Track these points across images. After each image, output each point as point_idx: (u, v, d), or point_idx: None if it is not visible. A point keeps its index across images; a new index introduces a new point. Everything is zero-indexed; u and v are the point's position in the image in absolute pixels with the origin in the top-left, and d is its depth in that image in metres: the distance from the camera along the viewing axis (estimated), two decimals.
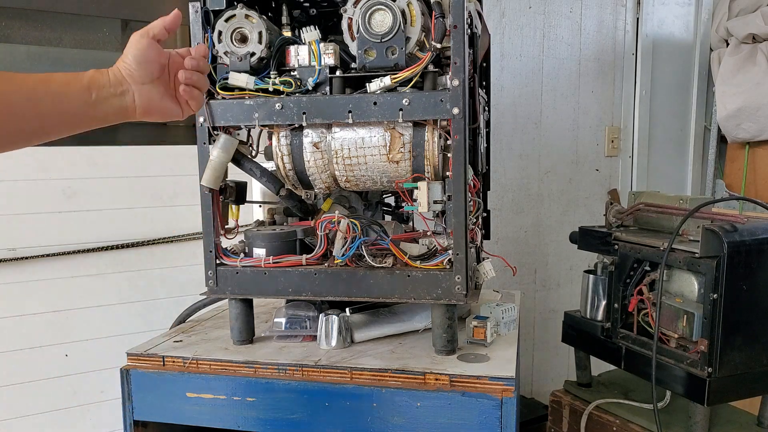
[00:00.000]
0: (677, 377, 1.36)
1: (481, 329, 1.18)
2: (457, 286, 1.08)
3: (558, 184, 2.60)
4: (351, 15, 1.09)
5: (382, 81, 1.07)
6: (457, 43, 1.04)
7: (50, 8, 1.79)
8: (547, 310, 2.64)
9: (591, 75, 2.63)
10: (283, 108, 1.12)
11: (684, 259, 1.34)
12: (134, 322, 1.84)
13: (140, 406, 1.16)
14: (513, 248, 2.52)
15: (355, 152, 1.13)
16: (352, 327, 1.21)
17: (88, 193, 1.78)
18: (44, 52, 1.81)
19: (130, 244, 1.82)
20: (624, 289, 1.53)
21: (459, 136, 1.05)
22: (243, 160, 1.21)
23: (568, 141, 2.61)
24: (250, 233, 1.21)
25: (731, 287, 1.28)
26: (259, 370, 1.12)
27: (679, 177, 3.00)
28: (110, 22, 1.90)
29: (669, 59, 2.84)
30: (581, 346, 1.70)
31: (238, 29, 1.12)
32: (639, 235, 1.51)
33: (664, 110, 2.87)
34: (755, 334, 1.32)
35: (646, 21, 2.73)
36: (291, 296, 1.17)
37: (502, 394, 1.00)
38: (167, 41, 0.84)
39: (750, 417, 1.52)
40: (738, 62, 2.62)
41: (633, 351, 1.49)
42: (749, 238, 1.29)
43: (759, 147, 2.70)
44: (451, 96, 1.05)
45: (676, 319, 1.36)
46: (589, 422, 1.62)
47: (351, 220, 1.10)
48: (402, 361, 1.10)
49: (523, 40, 2.45)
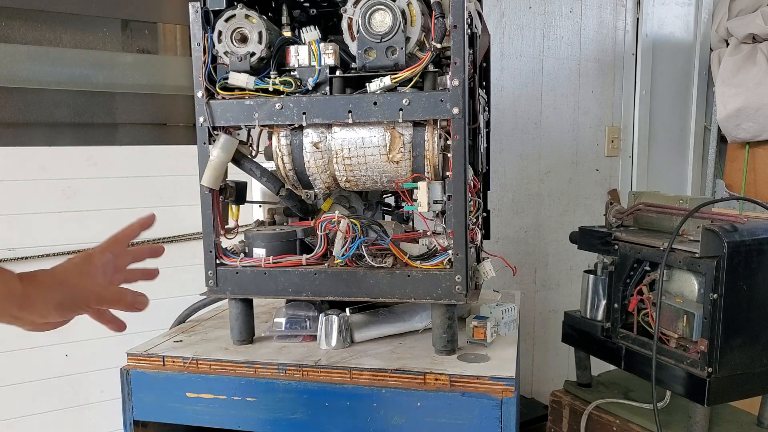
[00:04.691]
0: (677, 377, 1.36)
1: (481, 329, 1.18)
2: (457, 286, 1.08)
3: (558, 184, 2.60)
4: (351, 15, 1.09)
5: (382, 81, 1.07)
6: (457, 43, 1.04)
7: (50, 8, 1.79)
8: (547, 310, 2.64)
9: (591, 75, 2.63)
10: (283, 108, 1.12)
11: (684, 259, 1.34)
12: (134, 322, 1.83)
13: (140, 406, 1.16)
14: (513, 248, 2.52)
15: (355, 152, 1.13)
16: (352, 327, 1.21)
17: (88, 193, 1.78)
18: (44, 51, 1.81)
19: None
20: (624, 289, 1.53)
21: (459, 136, 1.05)
22: (243, 160, 1.21)
23: (568, 141, 2.61)
24: (250, 233, 1.21)
25: (731, 287, 1.28)
26: (259, 370, 1.12)
27: (679, 177, 3.00)
28: (110, 22, 1.91)
29: (669, 59, 2.84)
30: (581, 346, 1.70)
31: (238, 29, 1.12)
32: (639, 235, 1.51)
33: (664, 110, 2.87)
34: (755, 334, 1.32)
35: (646, 21, 2.73)
36: (291, 296, 1.17)
37: (502, 394, 1.00)
38: None
39: (750, 417, 1.52)
40: (738, 62, 2.62)
41: (633, 351, 1.49)
42: (749, 238, 1.29)
43: (759, 147, 2.70)
44: (451, 96, 1.04)
45: (676, 319, 1.36)
46: (589, 422, 1.62)
47: (351, 220, 1.10)
48: (402, 362, 1.10)
49: (523, 40, 2.45)
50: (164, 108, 2.02)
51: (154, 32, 1.99)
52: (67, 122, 1.88)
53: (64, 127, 1.88)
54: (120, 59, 1.93)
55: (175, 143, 1.95)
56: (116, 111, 1.94)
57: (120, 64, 1.93)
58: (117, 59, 1.92)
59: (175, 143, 1.95)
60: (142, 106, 1.96)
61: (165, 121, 2.03)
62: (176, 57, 2.04)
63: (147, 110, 1.98)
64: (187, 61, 1.88)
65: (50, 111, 1.84)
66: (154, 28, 1.99)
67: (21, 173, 1.70)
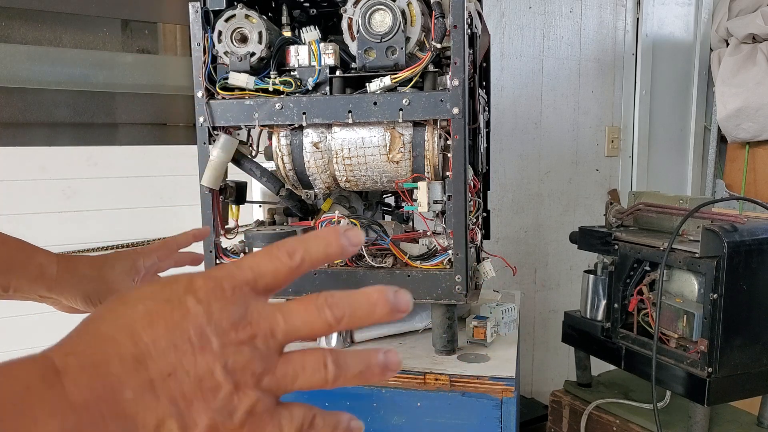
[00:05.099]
0: (677, 377, 1.36)
1: (481, 329, 1.18)
2: (457, 286, 1.08)
3: (558, 184, 2.60)
4: (351, 15, 1.09)
5: (382, 81, 1.07)
6: (457, 43, 1.04)
7: (50, 8, 1.79)
8: (547, 310, 2.64)
9: (591, 75, 2.63)
10: (283, 108, 1.12)
11: (684, 259, 1.34)
12: None
13: None
14: (513, 248, 2.52)
15: (355, 152, 1.13)
16: None
17: (88, 193, 1.78)
18: (44, 51, 1.81)
19: (130, 244, 1.82)
20: (624, 289, 1.53)
21: (459, 136, 1.05)
22: (243, 160, 1.21)
23: (568, 141, 2.61)
24: (250, 233, 1.21)
25: (731, 287, 1.28)
26: None
27: (679, 177, 3.00)
28: (110, 22, 1.90)
29: (669, 59, 2.84)
30: (581, 346, 1.70)
31: (238, 29, 1.12)
32: (639, 235, 1.51)
33: (664, 110, 2.87)
34: (755, 334, 1.32)
35: (646, 21, 2.73)
36: (291, 296, 1.17)
37: (502, 394, 1.00)
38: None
39: (750, 417, 1.52)
40: (738, 62, 2.63)
41: (633, 351, 1.49)
42: (749, 238, 1.29)
43: (759, 147, 2.70)
44: (451, 96, 1.04)
45: (676, 319, 1.36)
46: (589, 422, 1.62)
47: (351, 220, 1.10)
48: (402, 361, 1.10)
49: (523, 40, 2.45)
50: (164, 108, 2.02)
51: (154, 32, 1.99)
52: (67, 122, 1.88)
53: (64, 127, 1.88)
54: (120, 59, 1.93)
55: (175, 143, 1.95)
56: (116, 111, 1.94)
57: (120, 64, 1.93)
58: (117, 59, 1.92)
59: (175, 143, 1.95)
60: (142, 106, 1.96)
61: (165, 121, 2.03)
62: (176, 57, 2.04)
63: (147, 110, 1.98)
64: (187, 61, 1.88)
65: (50, 111, 1.84)
66: (154, 28, 1.99)
67: (21, 173, 1.70)
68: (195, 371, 0.32)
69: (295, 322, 0.36)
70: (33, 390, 0.29)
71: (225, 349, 0.33)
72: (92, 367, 0.31)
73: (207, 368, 0.32)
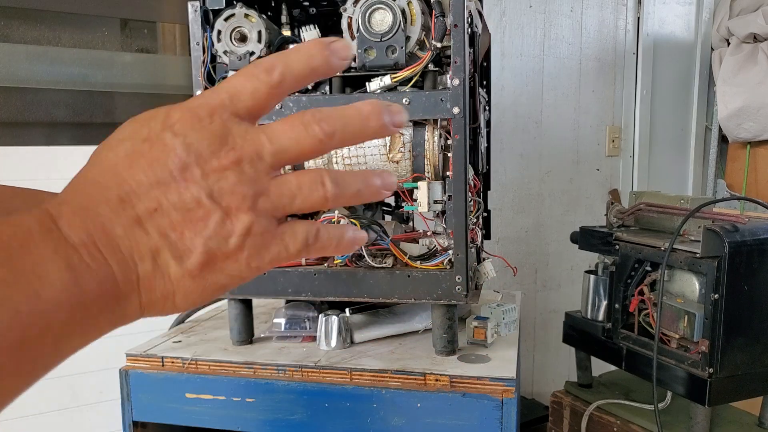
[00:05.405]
0: (678, 378, 1.35)
1: (481, 330, 1.17)
2: (458, 287, 1.08)
3: (559, 183, 2.60)
4: (351, 14, 1.09)
5: (382, 80, 1.07)
6: (457, 42, 1.03)
7: (49, 7, 1.78)
8: (548, 310, 2.64)
9: (592, 74, 2.63)
10: (282, 108, 1.11)
11: (685, 260, 1.34)
12: (133, 322, 1.84)
13: (139, 407, 1.15)
14: (513, 248, 2.51)
15: (355, 152, 1.13)
16: (351, 327, 1.21)
17: None
18: (43, 51, 1.81)
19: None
20: (625, 290, 1.52)
21: (459, 136, 1.05)
22: None
23: (568, 141, 2.61)
24: None
25: (732, 287, 1.27)
26: (258, 371, 1.12)
27: (680, 177, 2.99)
28: (109, 22, 1.90)
29: (670, 59, 2.84)
30: (582, 346, 1.70)
31: (238, 28, 1.12)
32: (640, 236, 1.51)
33: (665, 110, 2.86)
34: (757, 335, 1.32)
35: (647, 20, 2.73)
36: (291, 296, 1.17)
37: (503, 394, 1.00)
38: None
39: (751, 418, 1.52)
40: (739, 62, 2.62)
41: (634, 351, 1.49)
42: (750, 238, 1.29)
43: (760, 147, 2.70)
44: (451, 95, 1.04)
45: (677, 320, 1.36)
46: (590, 423, 1.62)
47: (351, 220, 1.10)
48: (402, 362, 1.10)
49: (524, 39, 2.45)
50: None
51: (153, 32, 1.99)
52: (66, 122, 1.87)
53: (64, 127, 1.88)
54: (119, 59, 1.92)
55: None
56: (115, 110, 1.93)
57: (119, 64, 1.92)
58: (116, 59, 1.92)
59: None
60: (142, 105, 1.96)
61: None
62: (175, 56, 2.03)
63: (146, 109, 1.97)
64: (186, 60, 1.88)
65: (49, 111, 1.84)
66: (153, 27, 1.98)
67: (21, 173, 1.69)
68: (181, 203, 0.33)
69: (283, 142, 0.35)
70: (34, 233, 0.31)
71: (208, 177, 0.33)
72: (82, 210, 0.33)
73: (192, 198, 0.33)
